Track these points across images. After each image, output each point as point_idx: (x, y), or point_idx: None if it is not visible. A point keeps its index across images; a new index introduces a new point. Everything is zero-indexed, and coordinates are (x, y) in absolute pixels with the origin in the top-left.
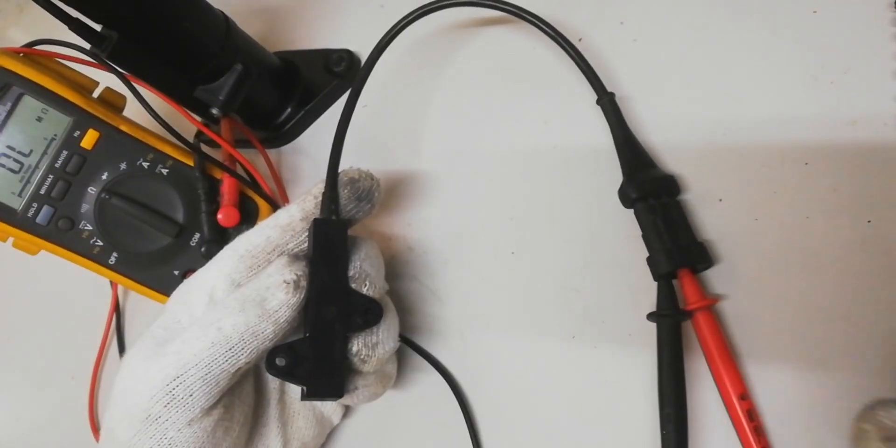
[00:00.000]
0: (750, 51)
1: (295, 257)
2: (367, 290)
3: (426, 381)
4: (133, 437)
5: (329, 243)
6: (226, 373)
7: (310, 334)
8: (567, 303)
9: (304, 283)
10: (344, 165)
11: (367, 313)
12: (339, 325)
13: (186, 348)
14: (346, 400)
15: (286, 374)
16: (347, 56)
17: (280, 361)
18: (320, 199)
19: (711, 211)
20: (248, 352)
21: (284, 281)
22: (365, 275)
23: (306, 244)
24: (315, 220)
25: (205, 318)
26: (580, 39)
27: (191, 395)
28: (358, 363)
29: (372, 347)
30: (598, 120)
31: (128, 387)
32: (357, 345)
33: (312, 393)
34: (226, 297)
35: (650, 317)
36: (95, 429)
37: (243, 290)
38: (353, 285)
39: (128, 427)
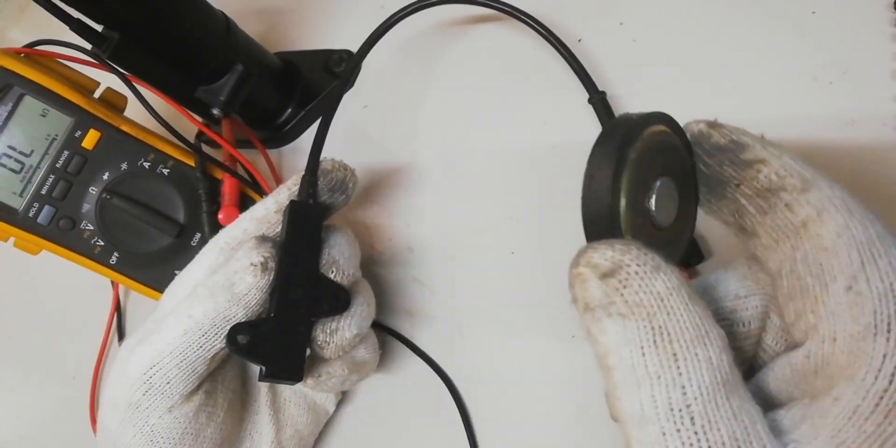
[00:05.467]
0: (749, 51)
1: (262, 239)
2: (336, 276)
3: (425, 380)
4: (118, 426)
5: (302, 226)
6: (202, 359)
7: (273, 314)
8: (567, 302)
9: (272, 264)
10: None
11: (335, 300)
12: (304, 308)
13: (160, 338)
14: (313, 386)
15: (246, 353)
16: (348, 56)
17: (241, 339)
18: (294, 190)
19: None
20: (222, 337)
21: (251, 263)
22: (332, 261)
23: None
24: (291, 201)
25: (179, 307)
26: (580, 40)
27: (168, 383)
28: (317, 349)
29: (330, 334)
30: (595, 118)
31: (114, 378)
32: (315, 330)
33: (270, 373)
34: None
35: None
36: (96, 427)
37: (214, 276)
38: (323, 271)
39: (113, 417)
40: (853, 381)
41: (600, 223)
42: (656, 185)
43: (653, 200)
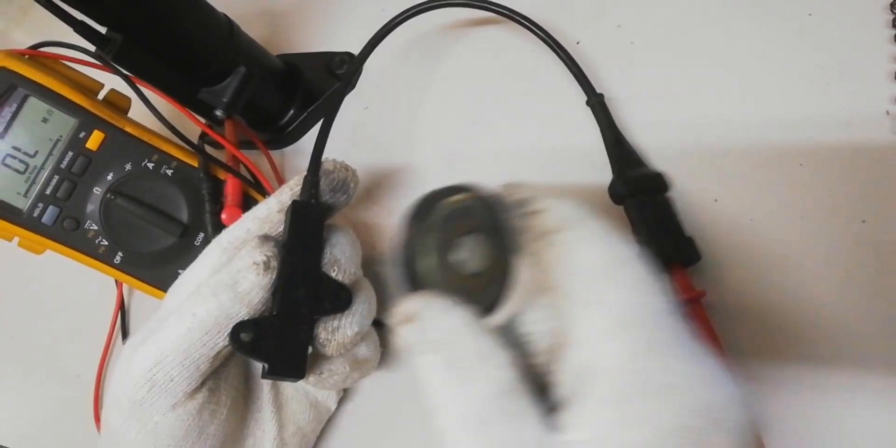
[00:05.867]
0: (746, 53)
1: (265, 238)
2: (337, 275)
3: None
4: (122, 424)
5: (304, 226)
6: (205, 357)
7: (276, 313)
8: None
9: (274, 263)
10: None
11: (337, 298)
12: (306, 307)
13: (164, 336)
14: (315, 384)
15: (249, 350)
16: (349, 59)
17: (245, 336)
18: (296, 190)
19: (707, 211)
20: (225, 335)
21: (254, 262)
22: (334, 260)
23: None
24: (294, 201)
25: (182, 306)
26: (578, 42)
27: (171, 381)
28: (319, 347)
29: (331, 332)
30: (594, 120)
31: (117, 376)
32: (317, 328)
33: (273, 371)
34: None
35: None
36: (100, 425)
37: (217, 275)
38: (325, 270)
39: (117, 414)
40: (600, 378)
41: (407, 281)
42: (461, 241)
43: (457, 255)
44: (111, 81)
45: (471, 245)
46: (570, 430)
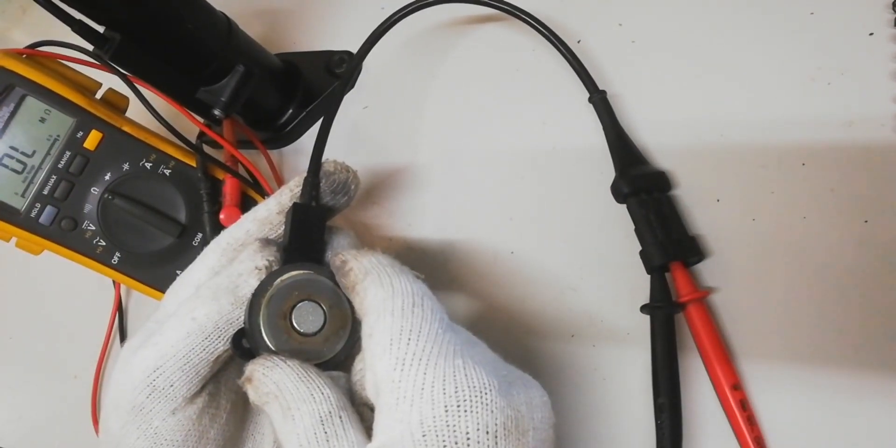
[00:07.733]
0: (748, 52)
1: (266, 242)
2: None
3: None
4: (121, 429)
5: (305, 228)
6: (205, 361)
7: None
8: (566, 302)
9: (276, 268)
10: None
11: None
12: None
13: (164, 340)
14: None
15: (250, 356)
16: (349, 57)
17: (246, 342)
18: (296, 191)
19: (709, 211)
20: (225, 339)
21: (256, 267)
22: None
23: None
24: (294, 203)
25: (181, 309)
26: (579, 41)
27: (171, 386)
28: None
29: None
30: (595, 118)
31: (116, 380)
32: None
33: None
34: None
35: (643, 309)
36: (98, 427)
37: (217, 278)
38: None
39: (116, 419)
40: (381, 391)
41: (257, 347)
42: (295, 308)
43: (293, 320)
44: (109, 81)
45: (302, 312)
46: (374, 439)
